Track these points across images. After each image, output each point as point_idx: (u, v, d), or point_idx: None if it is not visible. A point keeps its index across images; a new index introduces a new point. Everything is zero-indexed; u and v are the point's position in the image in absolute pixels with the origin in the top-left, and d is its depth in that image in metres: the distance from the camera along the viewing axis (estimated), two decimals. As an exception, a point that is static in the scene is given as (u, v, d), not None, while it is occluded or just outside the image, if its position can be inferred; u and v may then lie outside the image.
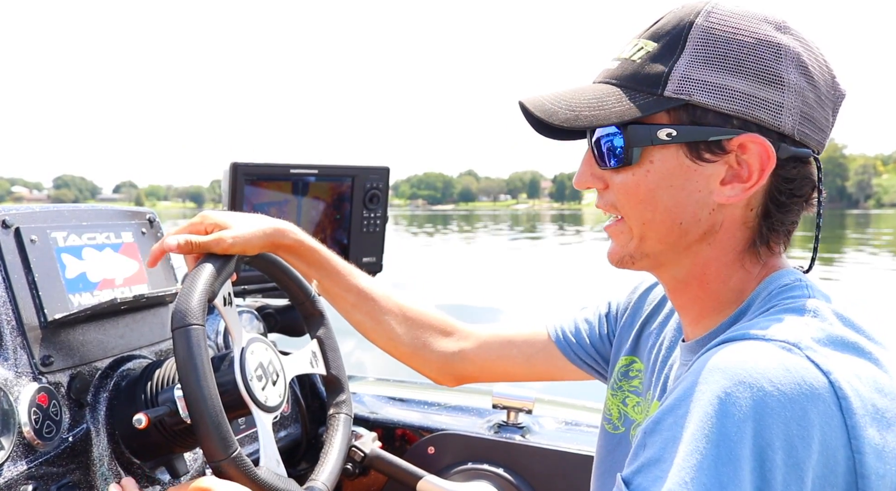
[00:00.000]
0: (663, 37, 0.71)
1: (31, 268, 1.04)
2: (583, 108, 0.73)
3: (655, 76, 0.70)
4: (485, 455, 1.53)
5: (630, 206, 0.74)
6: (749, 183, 0.70)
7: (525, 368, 1.11)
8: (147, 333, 1.21)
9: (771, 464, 0.55)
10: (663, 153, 0.71)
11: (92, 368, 1.09)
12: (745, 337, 0.63)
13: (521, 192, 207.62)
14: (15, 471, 0.94)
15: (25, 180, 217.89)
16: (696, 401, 0.59)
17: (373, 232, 1.55)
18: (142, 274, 1.24)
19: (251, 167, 1.36)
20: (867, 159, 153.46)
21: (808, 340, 0.61)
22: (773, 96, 0.69)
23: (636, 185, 0.73)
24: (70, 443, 1.02)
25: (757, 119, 0.69)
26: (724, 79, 0.68)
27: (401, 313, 1.12)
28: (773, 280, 0.73)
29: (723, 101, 0.68)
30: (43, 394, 0.99)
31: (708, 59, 0.69)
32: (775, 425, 0.56)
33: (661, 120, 0.71)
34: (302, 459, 1.60)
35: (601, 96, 0.73)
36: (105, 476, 1.06)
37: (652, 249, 0.75)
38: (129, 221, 1.25)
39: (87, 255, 1.14)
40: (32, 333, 1.02)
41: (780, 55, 0.69)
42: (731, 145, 0.69)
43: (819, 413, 0.56)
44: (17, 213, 1.06)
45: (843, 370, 0.59)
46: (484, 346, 1.12)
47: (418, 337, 1.12)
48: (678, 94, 0.69)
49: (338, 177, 1.48)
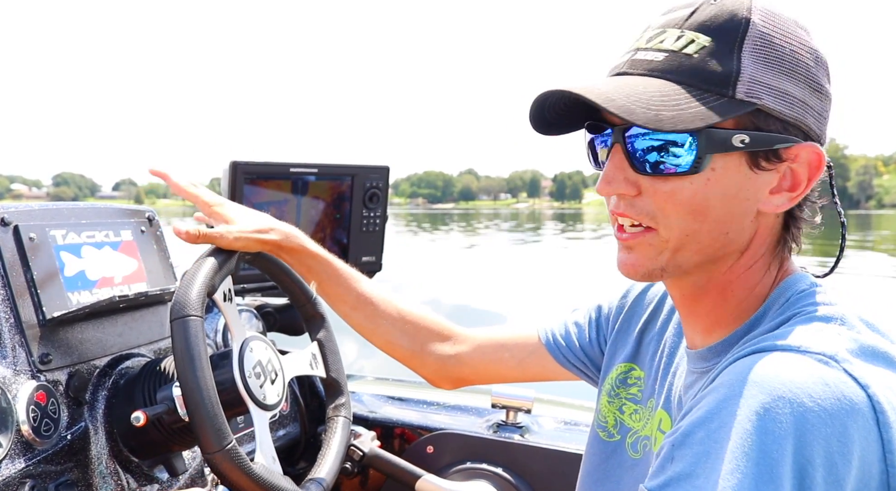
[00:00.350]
0: (716, 31, 0.66)
1: (30, 266, 1.04)
2: (659, 108, 0.64)
3: (723, 76, 0.65)
4: (484, 455, 1.53)
5: (676, 216, 0.68)
6: (796, 192, 0.68)
7: (517, 371, 1.11)
8: (146, 332, 1.21)
9: (811, 482, 0.54)
10: (726, 161, 0.66)
11: (90, 366, 1.09)
12: (777, 348, 0.61)
13: (522, 191, 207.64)
14: (13, 469, 0.94)
15: (25, 178, 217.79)
16: (732, 415, 0.56)
17: (372, 231, 1.55)
18: (141, 272, 1.24)
19: (251, 166, 1.36)
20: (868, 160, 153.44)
21: (843, 352, 0.59)
22: (818, 104, 0.68)
23: (691, 195, 0.67)
24: (68, 441, 1.02)
25: (808, 127, 0.67)
26: (783, 83, 0.66)
27: (399, 317, 1.13)
28: (788, 286, 0.71)
29: (785, 108, 0.66)
30: (41, 392, 0.99)
31: (768, 61, 0.66)
32: (816, 443, 0.54)
33: (729, 125, 0.66)
34: (300, 457, 1.60)
35: (669, 93, 0.66)
36: (103, 474, 1.05)
37: (686, 261, 0.70)
38: (128, 220, 1.25)
39: (86, 253, 1.14)
40: (31, 330, 1.02)
41: (820, 62, 0.68)
42: (788, 154, 0.67)
43: (858, 429, 0.55)
44: (16, 211, 1.06)
45: (880, 383, 0.58)
46: (478, 349, 1.13)
47: (416, 340, 1.13)
48: (749, 97, 0.65)
49: (337, 176, 1.47)
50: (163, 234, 1.32)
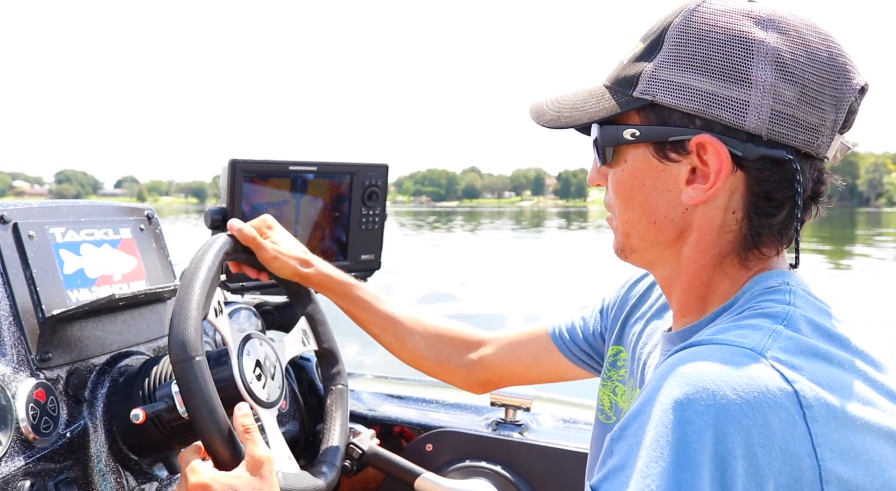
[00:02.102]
0: (649, 37, 0.73)
1: (29, 263, 1.04)
2: (566, 110, 0.78)
3: (631, 77, 0.72)
4: (483, 453, 1.53)
5: (616, 203, 0.77)
6: (709, 183, 0.69)
7: (535, 370, 1.15)
8: (145, 330, 1.22)
9: (732, 472, 0.55)
10: (634, 153, 0.73)
11: (90, 364, 1.10)
12: (710, 342, 0.62)
13: (526, 188, 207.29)
14: (12, 466, 0.94)
15: (27, 175, 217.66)
16: (658, 406, 0.58)
17: (371, 229, 1.55)
18: (140, 270, 1.24)
19: (250, 164, 1.36)
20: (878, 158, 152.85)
21: (774, 349, 0.60)
22: (738, 95, 0.67)
23: (618, 184, 0.76)
24: (67, 439, 1.02)
25: (718, 118, 0.67)
26: (688, 78, 0.68)
27: (424, 332, 1.19)
28: (759, 281, 0.71)
29: (684, 101, 0.68)
30: (40, 389, 0.99)
31: (678, 58, 0.69)
32: (736, 433, 0.55)
33: (633, 120, 0.73)
34: (300, 455, 1.60)
35: (587, 97, 0.77)
36: (102, 472, 1.06)
37: (637, 246, 0.78)
38: (127, 218, 1.25)
39: (85, 251, 1.14)
40: (30, 328, 1.02)
41: (752, 52, 0.67)
42: (691, 145, 0.69)
43: (781, 422, 0.56)
44: (16, 208, 1.06)
45: (809, 379, 0.58)
46: (499, 351, 1.18)
47: (441, 352, 1.19)
48: (643, 94, 0.71)
49: (336, 174, 1.47)
50: (162, 232, 1.32)
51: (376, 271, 1.60)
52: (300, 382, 1.61)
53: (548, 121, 0.79)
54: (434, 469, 1.50)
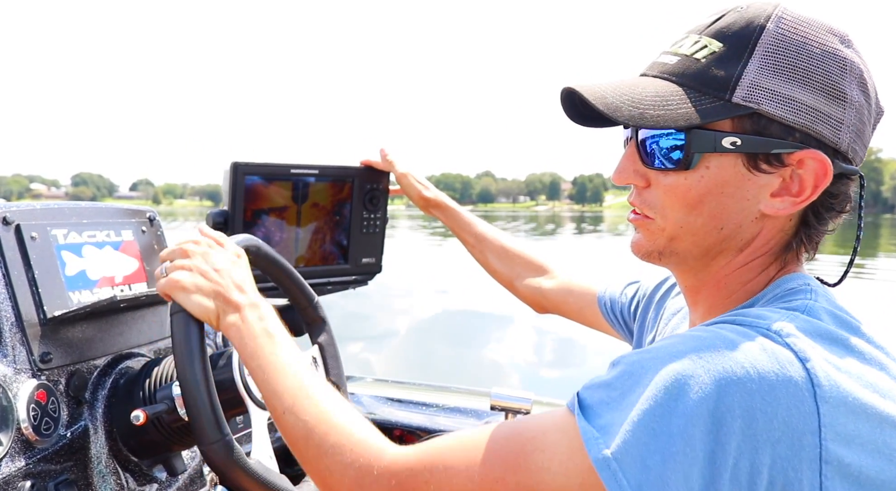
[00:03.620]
0: (730, 38, 0.69)
1: (31, 265, 1.04)
2: (647, 107, 0.69)
3: (723, 80, 0.68)
4: None
5: (674, 208, 0.72)
6: (801, 197, 0.69)
7: (578, 316, 1.29)
8: (146, 332, 1.22)
9: (728, 429, 0.55)
10: (721, 160, 0.69)
11: (91, 365, 1.10)
12: (731, 321, 0.63)
13: (541, 193, 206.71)
14: (13, 467, 0.94)
15: (44, 177, 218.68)
16: (668, 353, 0.59)
17: (373, 233, 1.55)
18: (141, 272, 1.24)
19: (252, 167, 1.36)
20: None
21: (791, 329, 0.61)
22: (836, 112, 0.68)
23: (687, 190, 0.71)
24: (68, 440, 1.02)
25: (818, 134, 0.68)
26: (792, 90, 0.67)
27: (503, 251, 1.42)
28: (781, 283, 0.72)
29: (789, 113, 0.67)
30: (41, 391, 0.99)
31: (777, 67, 0.67)
32: (738, 394, 0.56)
33: (725, 127, 0.69)
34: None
35: (665, 94, 0.70)
36: (102, 473, 1.06)
37: (682, 250, 0.74)
38: (129, 220, 1.25)
39: (87, 252, 1.15)
40: (32, 329, 1.02)
41: (846, 70, 0.68)
42: (790, 159, 0.68)
43: (788, 395, 0.56)
44: (18, 210, 1.07)
45: (823, 360, 0.59)
46: (555, 288, 1.33)
47: (513, 271, 1.40)
48: (747, 101, 0.67)
49: (338, 177, 1.48)
50: (163, 234, 1.32)
51: (377, 274, 1.60)
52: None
53: (628, 117, 0.69)
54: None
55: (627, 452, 0.56)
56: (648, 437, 0.56)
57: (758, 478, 0.55)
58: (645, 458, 0.56)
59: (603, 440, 0.58)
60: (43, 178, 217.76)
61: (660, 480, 0.55)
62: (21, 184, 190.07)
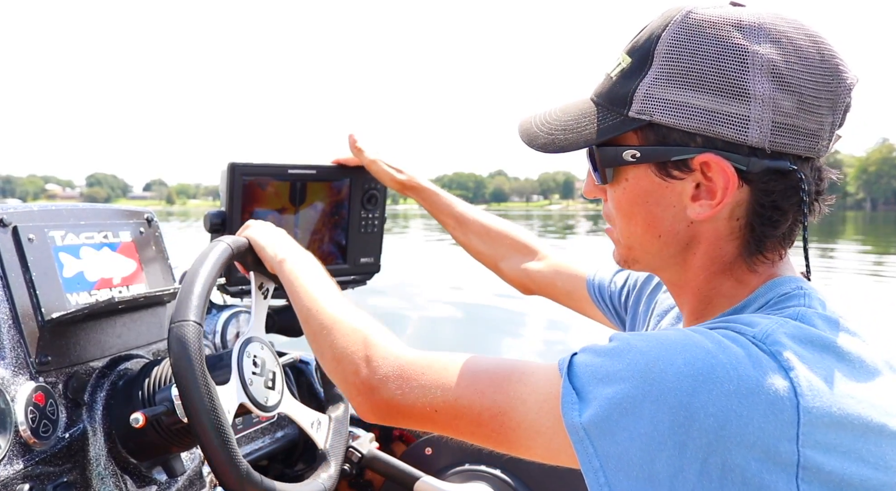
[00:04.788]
0: (636, 51, 0.71)
1: (29, 267, 1.04)
2: (559, 132, 0.76)
3: (623, 95, 0.71)
4: (482, 456, 1.52)
5: (617, 218, 0.77)
6: (715, 200, 0.69)
7: (567, 300, 1.27)
8: (144, 333, 1.21)
9: (700, 425, 0.57)
10: (635, 172, 0.73)
11: (89, 367, 1.09)
12: (724, 326, 0.64)
13: (555, 192, 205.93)
14: (11, 470, 0.94)
15: (58, 178, 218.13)
16: (658, 340, 0.62)
17: (371, 232, 1.54)
18: (139, 273, 1.24)
19: (249, 167, 1.36)
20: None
21: (779, 336, 0.61)
22: (738, 110, 0.66)
23: (619, 201, 0.75)
24: (67, 442, 1.02)
25: (720, 135, 0.67)
26: (685, 96, 0.67)
27: (485, 232, 1.37)
28: (771, 287, 0.71)
29: (683, 119, 0.67)
30: (40, 393, 0.99)
31: (671, 75, 0.68)
32: (714, 393, 0.57)
33: (630, 140, 0.72)
34: (299, 459, 1.59)
35: (579, 117, 0.75)
36: (101, 476, 1.05)
37: (640, 258, 0.78)
38: (127, 221, 1.25)
39: (84, 254, 1.14)
40: (30, 331, 1.02)
41: (747, 65, 0.66)
42: (694, 163, 0.69)
43: (767, 402, 0.57)
44: (15, 211, 1.06)
45: (808, 369, 0.59)
46: (543, 271, 1.29)
47: (497, 252, 1.36)
48: (640, 114, 0.69)
49: (336, 177, 1.47)
50: (161, 235, 1.32)
51: (376, 274, 1.60)
52: (299, 385, 1.61)
53: (541, 145, 0.76)
54: (433, 473, 1.50)
55: (598, 424, 0.60)
56: (619, 415, 0.59)
57: (730, 475, 0.57)
58: (614, 433, 0.60)
59: (578, 406, 0.62)
60: (58, 178, 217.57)
61: (626, 455, 0.59)
62: (36, 184, 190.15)
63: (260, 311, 1.11)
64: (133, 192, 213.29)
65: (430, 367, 0.76)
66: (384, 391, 0.77)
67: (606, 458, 0.60)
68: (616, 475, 0.60)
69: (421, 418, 0.75)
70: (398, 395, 0.76)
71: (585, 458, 0.61)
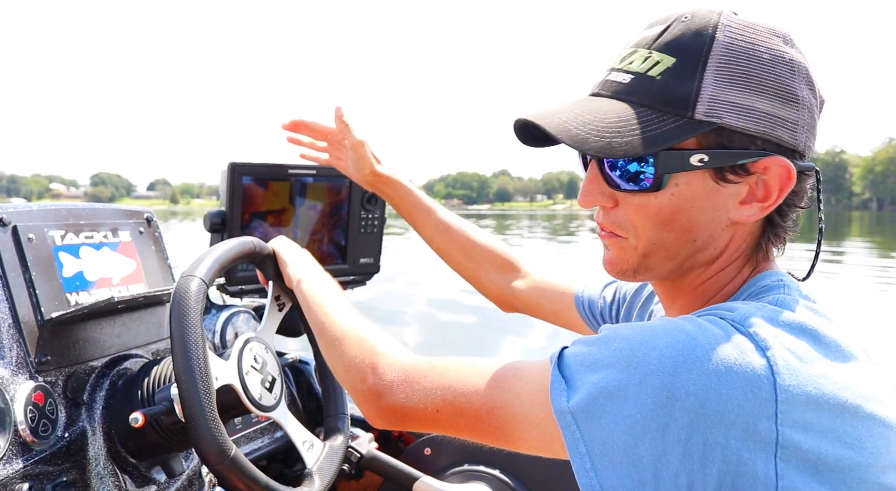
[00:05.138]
0: (682, 51, 0.68)
1: (29, 266, 1.04)
2: (612, 135, 0.68)
3: (683, 97, 0.67)
4: (481, 457, 1.53)
5: (644, 227, 0.72)
6: (767, 202, 0.70)
7: (553, 318, 1.23)
8: (144, 333, 1.21)
9: (682, 404, 0.58)
10: (689, 177, 0.69)
11: (88, 366, 1.09)
12: (705, 313, 0.65)
13: (559, 192, 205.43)
14: (10, 469, 0.94)
15: (63, 178, 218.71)
16: (641, 328, 0.63)
17: (370, 232, 1.55)
18: (139, 273, 1.24)
19: (249, 167, 1.36)
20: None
21: (756, 319, 0.62)
22: (791, 115, 0.68)
23: (657, 208, 0.71)
24: (66, 442, 1.02)
25: (778, 139, 0.68)
26: (749, 99, 0.67)
27: (468, 244, 1.29)
28: (755, 281, 0.73)
29: (750, 123, 0.67)
30: (39, 392, 0.99)
31: (732, 77, 0.67)
32: (695, 372, 0.58)
33: (690, 144, 0.68)
34: (298, 460, 1.59)
35: (626, 118, 0.68)
36: (100, 475, 1.06)
37: (655, 265, 0.74)
38: (126, 221, 1.25)
39: (84, 253, 1.14)
40: (29, 331, 1.02)
41: (794, 71, 0.68)
42: (755, 167, 0.69)
43: (745, 380, 0.58)
44: (15, 211, 1.06)
45: (785, 349, 0.60)
46: (528, 288, 1.26)
47: (480, 266, 1.30)
48: (709, 116, 0.67)
49: (336, 177, 1.47)
50: (161, 235, 1.32)
51: (375, 275, 1.60)
52: (299, 385, 1.61)
53: (597, 149, 0.67)
54: (432, 473, 1.50)
55: (584, 408, 0.61)
56: (604, 398, 0.61)
57: (711, 455, 0.57)
58: (599, 416, 0.61)
59: (566, 393, 0.63)
60: (62, 178, 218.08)
61: (611, 439, 0.60)
62: (41, 184, 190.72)
63: (272, 320, 1.11)
64: (137, 191, 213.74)
65: (431, 370, 0.78)
66: (390, 396, 0.80)
67: (592, 443, 0.61)
68: (601, 460, 0.61)
69: (425, 420, 0.77)
70: (402, 399, 0.78)
71: (573, 443, 0.62)
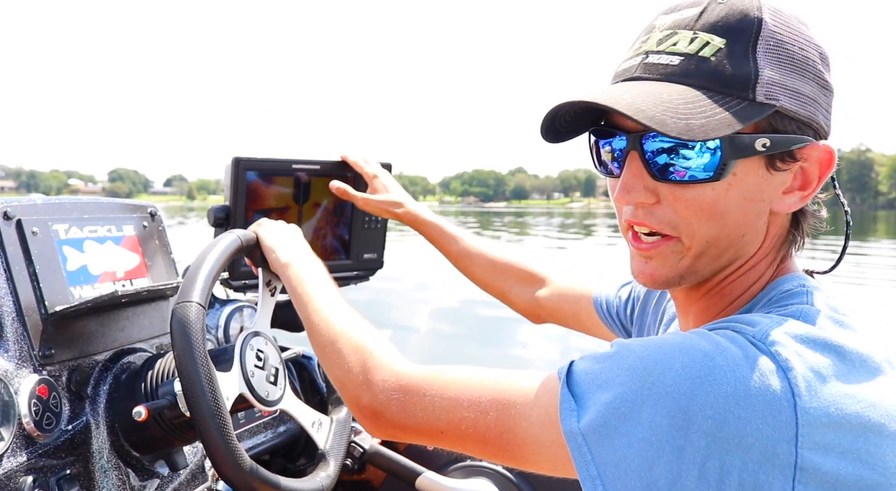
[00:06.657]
0: (730, 32, 0.65)
1: (33, 260, 1.04)
2: (688, 116, 0.62)
3: (743, 78, 0.64)
4: None
5: (698, 223, 0.67)
6: (807, 190, 0.68)
7: (575, 323, 1.25)
8: (147, 327, 1.21)
9: (698, 427, 0.55)
10: (747, 165, 0.65)
11: (92, 360, 1.10)
12: (725, 326, 0.63)
13: (576, 190, 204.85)
14: (14, 463, 0.94)
15: (81, 173, 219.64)
16: (657, 344, 0.61)
17: (374, 228, 1.54)
18: (143, 267, 1.24)
19: (253, 162, 1.36)
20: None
21: (779, 336, 0.59)
22: (825, 100, 0.67)
23: (713, 201, 0.66)
24: (70, 435, 1.02)
25: (818, 125, 0.67)
26: (796, 82, 0.65)
27: (490, 265, 1.34)
28: (776, 285, 0.70)
29: (800, 107, 0.65)
30: (43, 386, 0.99)
31: (780, 60, 0.65)
32: (712, 395, 0.56)
33: (749, 129, 0.64)
34: (301, 454, 1.60)
35: (692, 100, 0.64)
36: (104, 469, 1.06)
37: (704, 267, 0.70)
38: (130, 215, 1.25)
39: (88, 247, 1.14)
40: (33, 324, 1.02)
41: (824, 57, 0.68)
42: (801, 154, 0.66)
43: (765, 403, 0.56)
44: (19, 205, 1.06)
45: (807, 369, 0.58)
46: (550, 296, 1.28)
47: (504, 283, 1.33)
48: (769, 99, 0.64)
49: (340, 172, 1.47)
50: (165, 229, 1.32)
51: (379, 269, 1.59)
52: (301, 380, 1.61)
53: (678, 130, 0.61)
54: (435, 468, 1.50)
55: (595, 429, 0.59)
56: (617, 419, 0.58)
57: (727, 478, 0.55)
58: (612, 438, 0.58)
59: (577, 413, 0.60)
60: (80, 173, 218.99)
61: (624, 462, 0.57)
62: (59, 179, 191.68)
63: (266, 307, 1.11)
64: (154, 187, 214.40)
65: (430, 385, 0.73)
66: (388, 415, 0.76)
67: (604, 465, 0.58)
68: (614, 484, 0.58)
69: (428, 438, 0.74)
70: (402, 418, 0.75)
71: (583, 465, 0.59)
